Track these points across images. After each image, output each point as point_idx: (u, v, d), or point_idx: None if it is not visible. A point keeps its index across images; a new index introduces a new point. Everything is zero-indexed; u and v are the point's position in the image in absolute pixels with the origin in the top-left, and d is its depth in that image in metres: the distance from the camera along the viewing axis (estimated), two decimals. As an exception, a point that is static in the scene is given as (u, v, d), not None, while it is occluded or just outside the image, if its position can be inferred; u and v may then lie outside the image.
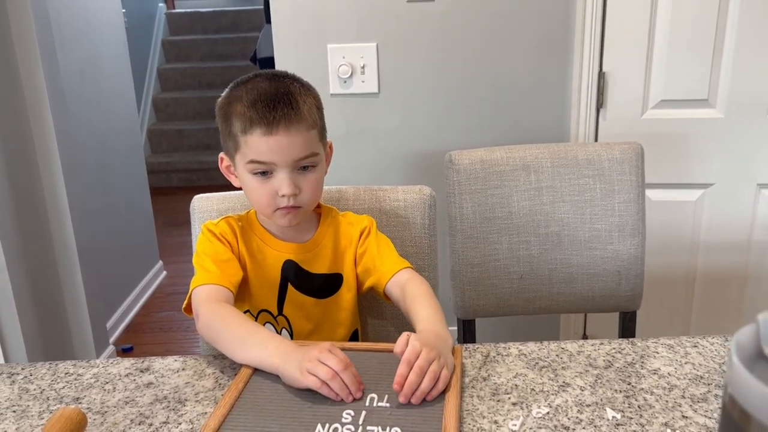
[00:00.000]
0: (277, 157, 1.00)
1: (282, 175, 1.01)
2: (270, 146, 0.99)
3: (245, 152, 1.01)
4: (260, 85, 1.02)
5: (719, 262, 1.93)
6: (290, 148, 1.00)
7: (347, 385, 0.83)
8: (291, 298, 1.11)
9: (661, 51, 1.81)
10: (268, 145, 0.99)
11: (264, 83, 1.02)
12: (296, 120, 1.00)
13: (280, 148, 0.99)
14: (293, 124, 0.99)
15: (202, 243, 1.08)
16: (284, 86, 1.02)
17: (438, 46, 1.92)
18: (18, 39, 1.99)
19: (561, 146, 1.42)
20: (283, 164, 1.00)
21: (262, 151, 1.00)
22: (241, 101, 1.01)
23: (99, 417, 0.85)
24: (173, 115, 5.05)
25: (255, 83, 1.03)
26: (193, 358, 0.98)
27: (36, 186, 2.10)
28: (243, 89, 1.03)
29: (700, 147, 1.87)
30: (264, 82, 1.03)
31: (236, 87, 1.05)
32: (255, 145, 1.00)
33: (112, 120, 2.80)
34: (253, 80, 1.04)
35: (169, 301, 3.02)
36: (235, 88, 1.05)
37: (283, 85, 1.02)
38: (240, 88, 1.03)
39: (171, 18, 5.44)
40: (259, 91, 1.01)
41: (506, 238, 1.41)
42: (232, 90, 1.05)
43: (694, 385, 0.88)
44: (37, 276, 2.07)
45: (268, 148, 0.99)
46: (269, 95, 1.00)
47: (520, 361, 0.95)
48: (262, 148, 1.00)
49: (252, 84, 1.03)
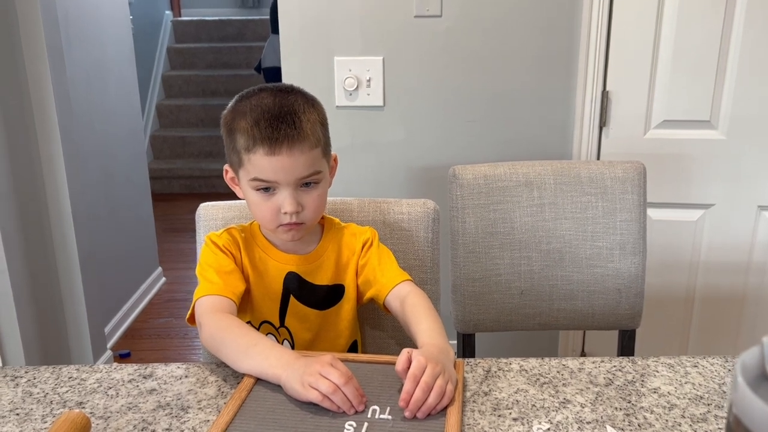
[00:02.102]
0: (280, 176, 1.00)
1: (285, 192, 1.01)
2: (273, 166, 0.99)
3: (248, 169, 1.01)
4: (264, 101, 1.01)
5: (719, 282, 1.94)
6: (293, 167, 1.00)
7: (349, 399, 0.83)
8: (293, 310, 1.11)
9: (665, 71, 1.83)
10: (270, 165, 0.99)
11: (268, 99, 1.01)
12: (299, 140, 0.99)
13: (282, 167, 0.99)
14: (296, 145, 0.99)
15: (205, 254, 1.08)
16: (288, 103, 1.01)
17: (443, 62, 1.94)
18: (26, 41, 2.00)
19: (564, 163, 1.44)
20: (286, 183, 1.01)
21: (264, 170, 1.00)
22: (245, 118, 1.00)
23: (102, 422, 0.85)
24: (176, 121, 5.07)
25: (259, 99, 1.02)
26: (196, 366, 0.99)
27: (39, 188, 2.10)
28: (247, 104, 1.02)
29: (701, 168, 1.88)
30: (268, 97, 1.02)
31: (240, 101, 1.04)
32: (258, 164, 1.00)
33: (116, 125, 2.81)
34: (258, 95, 1.03)
35: (167, 307, 3.02)
36: (240, 101, 1.04)
37: (287, 102, 1.01)
38: (244, 103, 1.03)
39: (177, 25, 5.47)
40: (263, 108, 1.00)
41: (508, 253, 1.41)
42: (236, 104, 1.05)
43: (694, 405, 0.88)
44: (37, 279, 2.08)
45: (270, 168, 0.99)
46: (273, 114, 0.99)
47: (522, 377, 0.95)
48: (265, 167, 0.99)
49: (256, 100, 1.02)
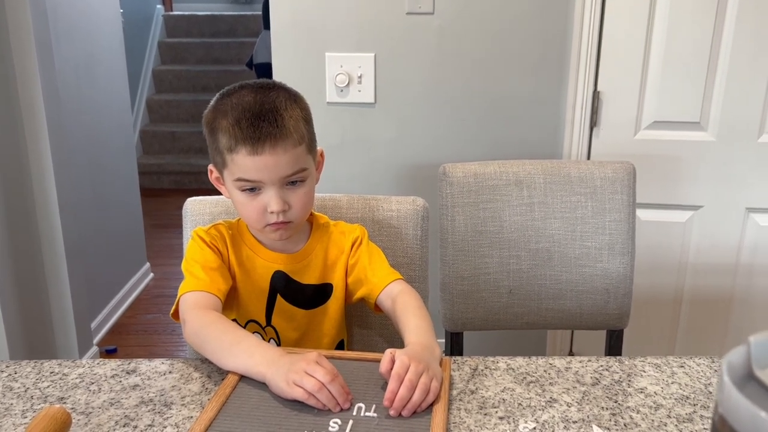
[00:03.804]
0: (264, 175, 0.98)
1: (270, 192, 0.99)
2: (256, 165, 0.97)
3: (232, 170, 1.00)
4: (245, 99, 0.99)
5: (707, 284, 1.95)
6: (277, 166, 0.98)
7: (335, 397, 0.82)
8: (280, 309, 1.10)
9: (656, 73, 1.83)
10: (254, 164, 0.97)
11: (249, 97, 0.99)
12: (282, 138, 0.97)
13: (266, 167, 0.97)
14: (279, 143, 0.97)
15: (192, 249, 1.06)
16: (269, 101, 0.99)
17: (435, 59, 1.93)
18: (14, 32, 1.97)
19: (554, 163, 1.43)
20: (271, 182, 0.99)
21: (248, 169, 0.98)
22: (226, 117, 0.99)
23: (83, 417, 0.84)
24: (166, 117, 5.03)
25: (240, 97, 1.00)
26: (181, 362, 0.98)
27: (25, 181, 2.08)
28: (228, 103, 1.00)
29: (690, 169, 1.88)
30: (249, 95, 1.00)
31: (221, 99, 1.02)
32: (241, 164, 0.98)
33: (106, 119, 2.78)
34: (239, 92, 1.01)
35: (155, 303, 3.00)
36: (221, 100, 1.02)
37: (268, 100, 0.99)
38: (225, 101, 1.01)
39: (168, 20, 5.43)
40: (244, 106, 0.98)
41: (497, 252, 1.41)
42: (217, 102, 1.03)
43: (680, 405, 0.88)
44: (22, 273, 2.05)
45: (254, 167, 0.98)
46: (254, 112, 0.97)
47: (508, 376, 0.95)
48: (249, 167, 0.98)
49: (237, 98, 1.00)
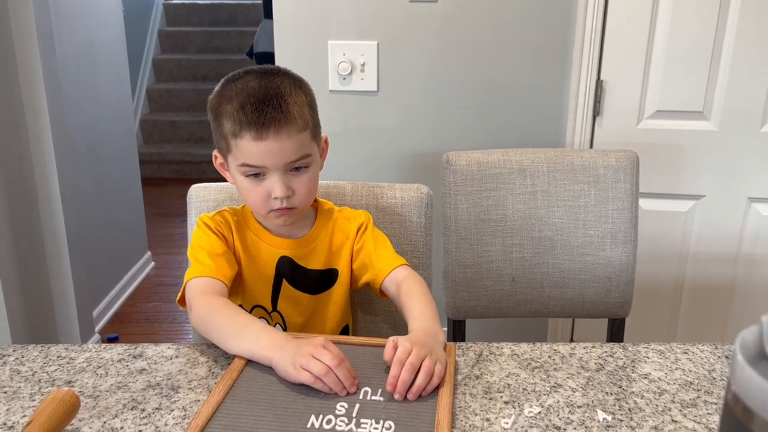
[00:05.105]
0: (268, 161, 0.98)
1: (274, 177, 0.99)
2: (260, 151, 0.97)
3: (236, 155, 1.00)
4: (250, 84, 0.99)
5: (708, 273, 1.95)
6: (281, 152, 0.98)
7: (341, 381, 0.83)
8: (285, 294, 1.11)
9: (659, 62, 1.83)
10: (258, 150, 0.97)
11: (254, 82, 0.99)
12: (286, 123, 0.97)
13: (270, 152, 0.97)
14: (283, 128, 0.97)
15: (197, 235, 1.06)
16: (274, 86, 0.99)
17: (438, 48, 1.93)
18: (15, 22, 1.97)
19: (557, 151, 1.43)
20: (275, 168, 0.99)
21: (252, 155, 0.98)
22: (230, 102, 0.99)
23: (91, 401, 0.85)
24: (167, 106, 5.02)
25: (245, 82, 1.00)
26: (187, 346, 0.98)
27: (27, 170, 2.08)
28: (233, 88, 1.00)
29: (693, 159, 1.88)
30: (254, 80, 1.00)
31: (226, 84, 1.02)
32: (246, 149, 0.98)
33: (106, 107, 2.78)
34: (243, 78, 1.01)
35: (156, 291, 3.00)
36: (225, 85, 1.02)
37: (273, 85, 0.99)
38: (230, 87, 1.01)
39: (168, 9, 5.41)
40: (248, 91, 0.98)
41: (500, 240, 1.41)
42: (222, 88, 1.03)
43: (684, 391, 0.89)
44: (24, 262, 2.06)
45: (258, 153, 0.98)
46: (258, 97, 0.97)
47: (513, 361, 0.95)
48: (253, 153, 0.98)
49: (242, 83, 1.00)
